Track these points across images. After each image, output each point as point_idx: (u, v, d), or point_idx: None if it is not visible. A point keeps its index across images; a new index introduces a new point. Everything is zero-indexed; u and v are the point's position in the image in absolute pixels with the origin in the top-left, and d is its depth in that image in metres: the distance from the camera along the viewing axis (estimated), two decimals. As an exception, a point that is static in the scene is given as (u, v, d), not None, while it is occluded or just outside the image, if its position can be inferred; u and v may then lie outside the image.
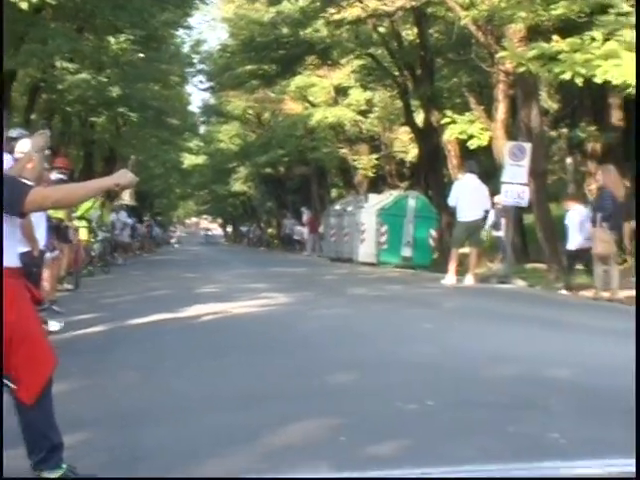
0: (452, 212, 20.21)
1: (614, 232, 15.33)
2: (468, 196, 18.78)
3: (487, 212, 19.39)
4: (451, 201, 19.51)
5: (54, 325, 11.17)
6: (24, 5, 19.28)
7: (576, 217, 17.40)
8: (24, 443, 4.85)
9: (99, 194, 4.66)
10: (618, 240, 16.16)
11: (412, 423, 6.22)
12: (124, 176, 4.85)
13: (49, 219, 11.69)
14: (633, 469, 4.82)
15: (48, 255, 11.96)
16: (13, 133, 10.59)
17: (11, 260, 4.79)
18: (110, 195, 24.93)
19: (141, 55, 34.40)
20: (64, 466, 4.84)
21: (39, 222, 9.98)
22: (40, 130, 10.08)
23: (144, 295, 17.03)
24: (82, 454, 5.41)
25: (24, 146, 10.11)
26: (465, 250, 19.99)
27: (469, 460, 5.25)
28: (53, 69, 26.67)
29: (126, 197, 36.31)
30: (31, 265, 9.16)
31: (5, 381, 4.73)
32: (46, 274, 11.22)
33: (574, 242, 17.25)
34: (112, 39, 28.91)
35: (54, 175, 13.68)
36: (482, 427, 6.06)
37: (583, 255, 17.25)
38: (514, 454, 5.37)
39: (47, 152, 11.44)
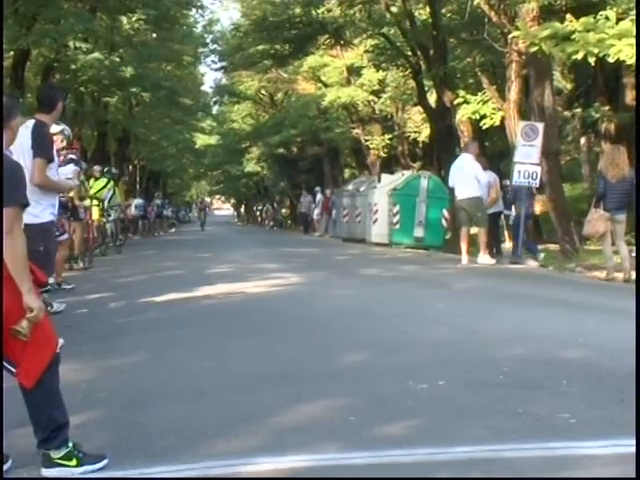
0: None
1: (616, 213, 15.13)
2: (460, 175, 18.89)
3: (488, 188, 19.33)
4: (450, 182, 19.69)
5: (58, 306, 11.17)
6: (37, -15, 19.28)
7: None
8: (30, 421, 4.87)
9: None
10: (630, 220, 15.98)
11: (423, 403, 6.22)
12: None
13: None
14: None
15: (59, 239, 11.96)
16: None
17: None
18: None
19: (154, 35, 34.43)
20: (70, 445, 4.85)
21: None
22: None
23: (157, 275, 17.09)
24: (92, 433, 5.44)
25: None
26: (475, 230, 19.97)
27: (479, 440, 5.25)
28: (66, 49, 26.67)
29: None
30: (36, 241, 8.34)
31: (5, 364, 4.72)
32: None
33: None
34: (124, 19, 28.89)
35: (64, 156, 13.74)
36: (492, 407, 6.06)
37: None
38: (524, 434, 5.36)
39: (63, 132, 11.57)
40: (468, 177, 18.65)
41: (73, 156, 15.28)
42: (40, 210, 8.72)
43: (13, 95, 5.54)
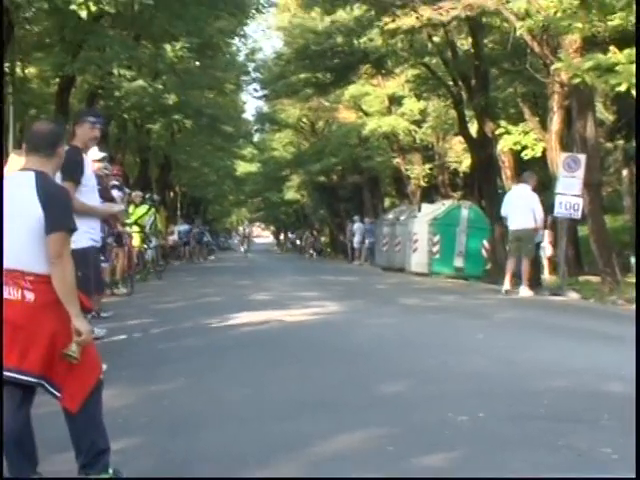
0: (505, 223, 20.06)
1: None
2: (515, 206, 18.74)
3: (538, 220, 19.03)
4: (502, 211, 19.52)
5: (98, 331, 11.18)
6: (83, 14, 19.43)
7: None
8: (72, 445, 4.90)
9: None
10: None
11: (462, 435, 6.19)
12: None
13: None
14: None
15: (103, 265, 11.96)
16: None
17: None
18: None
19: (197, 63, 34.65)
20: (110, 470, 4.88)
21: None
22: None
23: (197, 301, 17.12)
24: (131, 458, 5.46)
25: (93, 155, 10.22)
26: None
27: (518, 473, 5.22)
28: (110, 76, 26.88)
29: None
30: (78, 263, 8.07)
31: (50, 388, 4.77)
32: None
33: None
34: (168, 47, 29.07)
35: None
36: (532, 440, 6.02)
37: None
38: (565, 468, 5.32)
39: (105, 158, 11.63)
40: (525, 208, 18.55)
41: (116, 182, 15.40)
42: (77, 235, 8.65)
43: (58, 121, 5.60)
